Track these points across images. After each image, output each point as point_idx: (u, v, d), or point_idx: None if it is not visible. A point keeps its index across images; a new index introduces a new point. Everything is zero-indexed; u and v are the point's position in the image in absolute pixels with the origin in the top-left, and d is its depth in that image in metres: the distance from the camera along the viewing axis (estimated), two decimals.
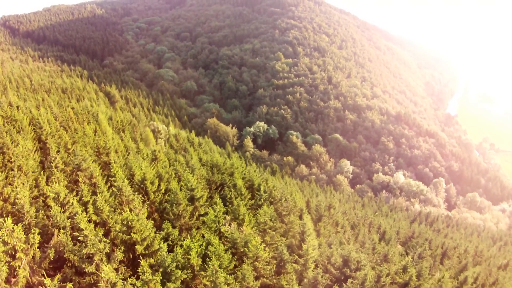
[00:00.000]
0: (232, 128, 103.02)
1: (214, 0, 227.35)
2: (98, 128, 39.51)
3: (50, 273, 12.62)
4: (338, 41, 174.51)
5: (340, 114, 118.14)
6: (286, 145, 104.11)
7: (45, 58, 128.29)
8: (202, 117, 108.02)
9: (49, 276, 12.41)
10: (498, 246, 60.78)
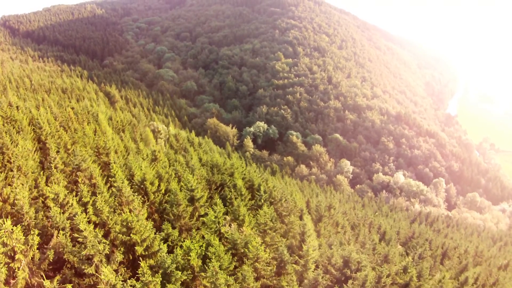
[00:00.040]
0: (232, 128, 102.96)
1: (214, 0, 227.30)
2: (98, 128, 39.40)
3: (50, 274, 12.57)
4: (338, 41, 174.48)
5: (340, 114, 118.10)
6: (286, 145, 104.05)
7: (45, 58, 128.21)
8: (202, 117, 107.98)
9: (48, 277, 12.37)
10: (498, 246, 60.77)
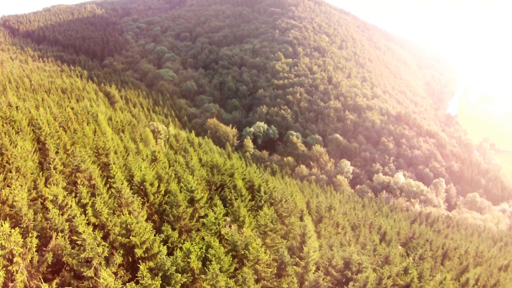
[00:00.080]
0: (232, 128, 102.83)
1: (214, 0, 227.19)
2: (97, 128, 39.27)
3: (49, 277, 12.46)
4: (338, 41, 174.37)
5: (340, 114, 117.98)
6: (286, 145, 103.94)
7: (45, 58, 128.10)
8: (202, 117, 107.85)
9: (47, 280, 12.26)
10: (499, 246, 60.65)
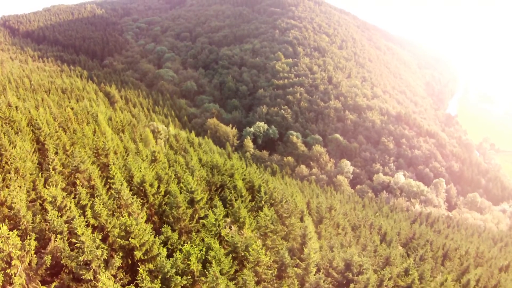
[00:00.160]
0: (232, 128, 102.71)
1: (214, 0, 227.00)
2: (97, 128, 39.18)
3: (47, 279, 12.36)
4: (338, 41, 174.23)
5: (340, 114, 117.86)
6: (286, 145, 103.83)
7: (44, 58, 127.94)
8: (202, 117, 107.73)
9: (46, 282, 12.17)
10: (499, 247, 60.57)
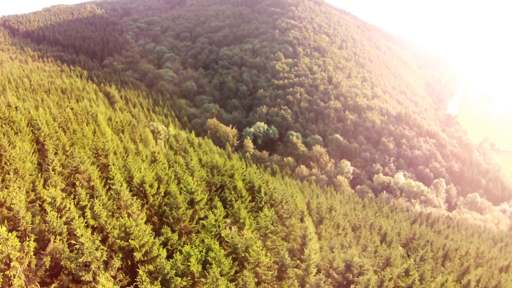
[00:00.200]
0: (232, 128, 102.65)
1: (214, 0, 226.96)
2: (97, 129, 39.14)
3: (47, 280, 12.31)
4: (338, 41, 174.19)
5: (340, 114, 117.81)
6: (286, 145, 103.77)
7: (44, 58, 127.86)
8: (202, 117, 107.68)
9: (45, 284, 12.12)
10: (499, 247, 60.52)
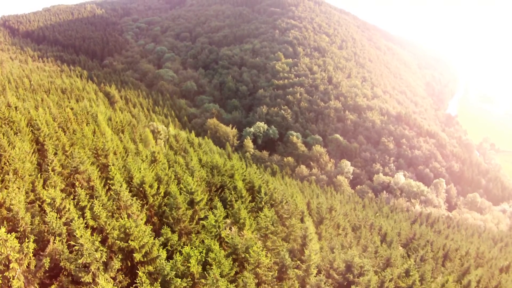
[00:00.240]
0: (232, 128, 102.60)
1: (214, 0, 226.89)
2: (97, 129, 39.10)
3: (46, 281, 12.25)
4: (338, 41, 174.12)
5: (340, 114, 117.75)
6: (287, 145, 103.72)
7: (44, 58, 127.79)
8: (202, 117, 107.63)
9: (45, 285, 12.07)
10: (499, 247, 60.46)
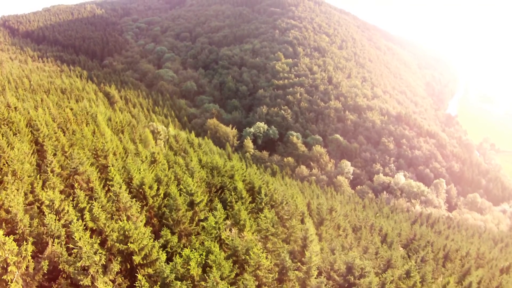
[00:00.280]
0: (232, 128, 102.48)
1: (214, 0, 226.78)
2: (96, 129, 38.96)
3: (45, 284, 12.15)
4: (338, 41, 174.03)
5: (340, 114, 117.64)
6: (287, 145, 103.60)
7: (44, 58, 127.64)
8: (202, 117, 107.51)
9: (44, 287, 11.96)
10: (500, 247, 60.35)
